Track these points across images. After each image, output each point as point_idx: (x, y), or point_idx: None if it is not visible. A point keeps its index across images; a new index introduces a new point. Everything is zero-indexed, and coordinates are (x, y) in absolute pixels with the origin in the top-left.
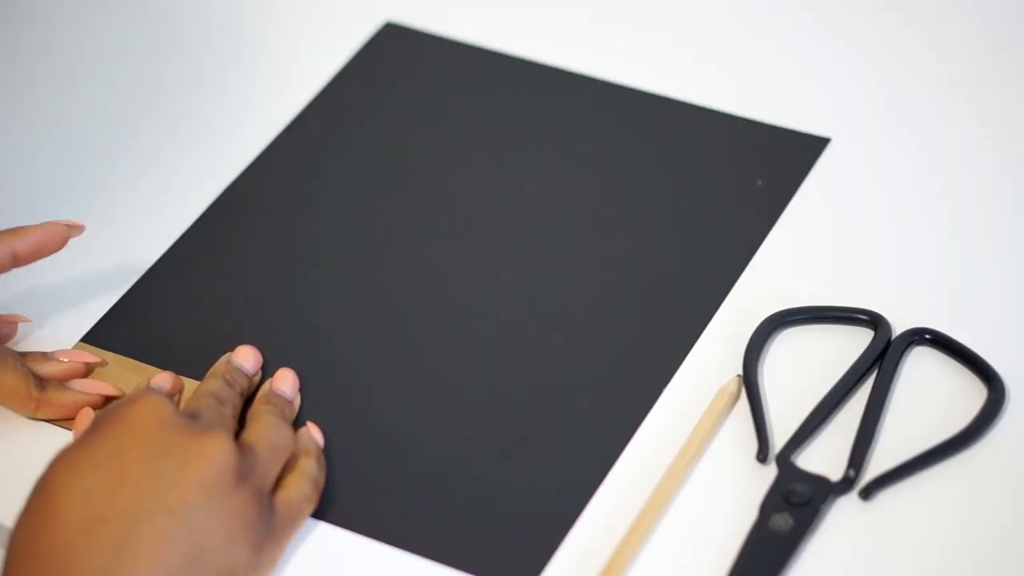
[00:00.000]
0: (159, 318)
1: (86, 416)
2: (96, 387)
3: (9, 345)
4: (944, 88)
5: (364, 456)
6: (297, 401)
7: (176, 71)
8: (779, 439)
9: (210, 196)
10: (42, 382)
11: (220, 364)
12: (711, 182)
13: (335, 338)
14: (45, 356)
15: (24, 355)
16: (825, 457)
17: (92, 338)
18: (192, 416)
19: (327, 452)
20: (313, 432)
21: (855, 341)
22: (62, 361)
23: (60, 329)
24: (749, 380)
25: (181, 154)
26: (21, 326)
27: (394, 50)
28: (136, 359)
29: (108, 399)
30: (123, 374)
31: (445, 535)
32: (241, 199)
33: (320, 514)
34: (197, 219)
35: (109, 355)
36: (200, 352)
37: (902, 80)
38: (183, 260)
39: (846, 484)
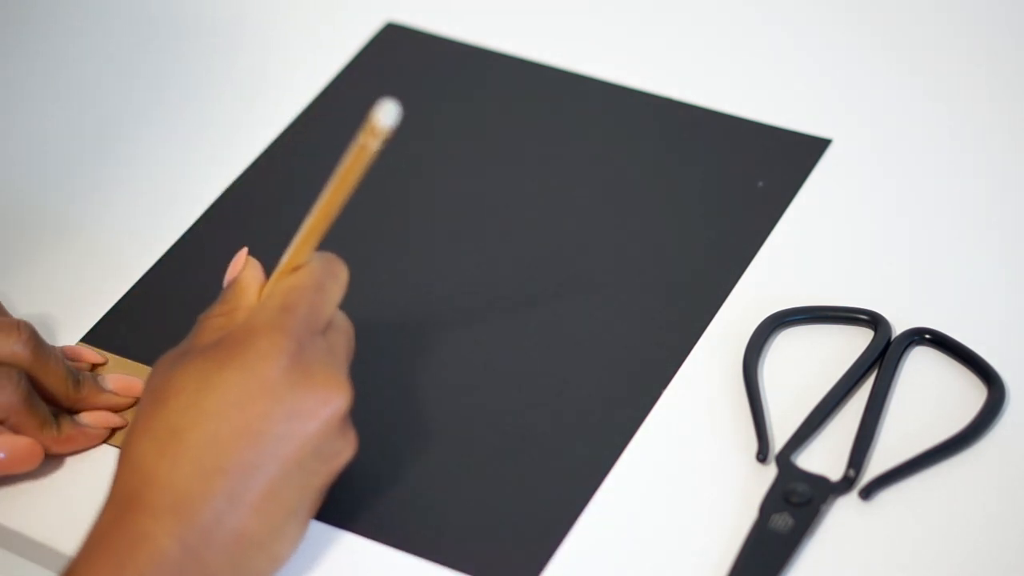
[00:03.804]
0: (159, 318)
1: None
2: (131, 389)
3: None
4: (945, 89)
5: (363, 456)
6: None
7: (176, 72)
8: (779, 439)
9: (211, 196)
10: (78, 380)
11: (322, 266)
12: (712, 183)
13: None
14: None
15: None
16: (825, 457)
17: (92, 338)
18: (310, 360)
19: None
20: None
21: (855, 341)
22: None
23: (60, 329)
24: (749, 380)
25: (181, 154)
26: None
27: (395, 50)
28: (136, 360)
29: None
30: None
31: (445, 536)
32: (242, 199)
33: (320, 516)
34: (198, 219)
35: (109, 356)
36: None
37: (903, 81)
38: (183, 260)
39: (846, 484)
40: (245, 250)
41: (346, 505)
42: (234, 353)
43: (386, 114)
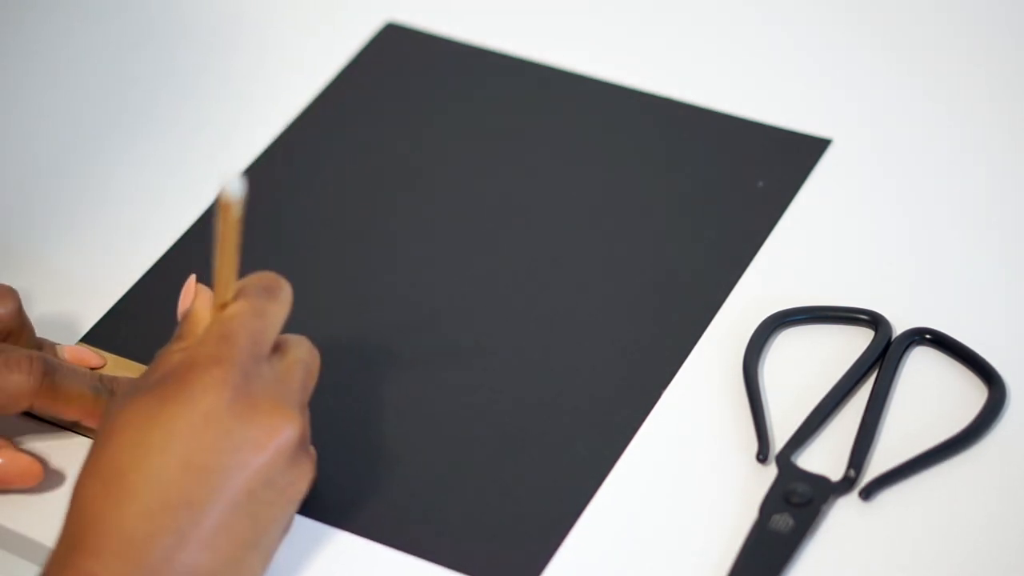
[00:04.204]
0: (159, 318)
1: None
2: None
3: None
4: (945, 89)
5: (363, 457)
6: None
7: (177, 72)
8: (779, 439)
9: (210, 196)
10: (49, 368)
11: (258, 291)
12: (712, 183)
13: (334, 338)
14: (53, 350)
15: (40, 342)
16: (825, 457)
17: (92, 338)
18: (255, 389)
19: (327, 454)
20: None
21: (855, 341)
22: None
23: (60, 329)
24: (749, 380)
25: (181, 154)
26: None
27: (394, 50)
28: (136, 360)
29: None
30: (123, 375)
31: (445, 536)
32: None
33: (319, 516)
34: (197, 219)
35: (108, 356)
36: None
37: (903, 81)
38: (183, 260)
39: (846, 484)
40: (193, 278)
41: (346, 505)
42: (177, 388)
43: (231, 187)
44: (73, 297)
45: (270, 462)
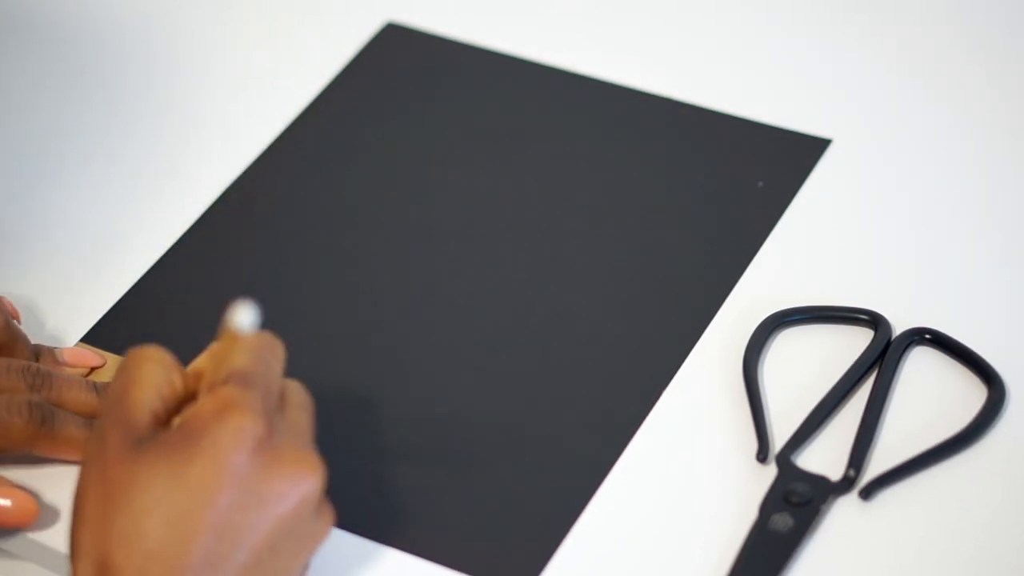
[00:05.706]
0: (159, 318)
1: None
2: None
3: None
4: (945, 89)
5: (363, 457)
6: None
7: (177, 71)
8: (779, 439)
9: (211, 196)
10: (48, 415)
11: (258, 342)
12: (712, 183)
13: (335, 338)
14: (52, 354)
15: (37, 348)
16: (825, 457)
17: (92, 338)
18: (277, 440)
19: (327, 455)
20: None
21: (855, 341)
22: (66, 363)
23: (60, 329)
24: (749, 380)
25: (182, 154)
26: (23, 325)
27: (395, 50)
28: None
29: None
30: None
31: (445, 536)
32: (242, 199)
33: None
34: (198, 219)
35: (109, 356)
36: (200, 353)
37: (903, 81)
38: (183, 260)
39: (846, 484)
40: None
41: (346, 506)
42: (200, 443)
43: (243, 316)
44: (73, 297)
45: (292, 514)
